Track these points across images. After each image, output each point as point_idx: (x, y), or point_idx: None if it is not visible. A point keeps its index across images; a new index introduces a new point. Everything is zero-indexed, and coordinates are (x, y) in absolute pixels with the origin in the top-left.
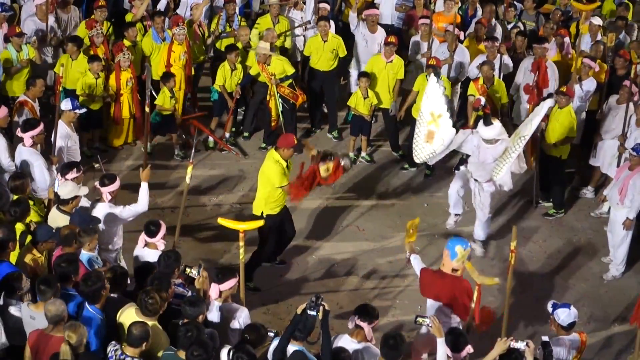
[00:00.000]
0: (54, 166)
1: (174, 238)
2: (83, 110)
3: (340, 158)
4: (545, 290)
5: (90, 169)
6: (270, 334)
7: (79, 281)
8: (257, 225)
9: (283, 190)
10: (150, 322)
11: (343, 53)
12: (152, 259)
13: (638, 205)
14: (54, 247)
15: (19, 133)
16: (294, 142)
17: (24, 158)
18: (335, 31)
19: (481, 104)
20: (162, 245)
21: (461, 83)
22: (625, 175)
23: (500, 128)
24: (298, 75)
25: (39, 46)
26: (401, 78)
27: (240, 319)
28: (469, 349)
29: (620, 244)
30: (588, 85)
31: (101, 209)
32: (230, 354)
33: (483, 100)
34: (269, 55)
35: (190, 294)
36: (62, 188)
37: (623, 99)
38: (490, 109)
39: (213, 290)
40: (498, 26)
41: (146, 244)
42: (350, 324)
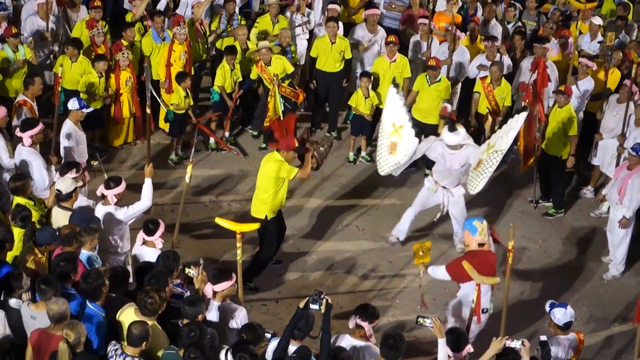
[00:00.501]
0: (53, 166)
1: (173, 237)
2: (90, 109)
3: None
4: (545, 290)
5: (89, 167)
6: (267, 335)
7: (79, 280)
8: (254, 227)
9: (297, 177)
10: (150, 322)
11: (349, 55)
12: (150, 257)
13: (636, 205)
14: (55, 247)
15: (18, 133)
16: (295, 145)
17: (23, 158)
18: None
19: (448, 112)
20: (160, 244)
21: (461, 83)
22: (624, 175)
23: (464, 134)
24: (297, 75)
25: (39, 45)
26: (408, 77)
27: (238, 319)
28: (469, 348)
29: (619, 243)
30: (586, 85)
31: (108, 212)
32: (232, 354)
33: (449, 107)
34: (270, 56)
35: (189, 293)
36: (61, 183)
37: (623, 98)
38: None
39: (207, 290)
40: (498, 26)
41: (144, 242)
42: (351, 324)
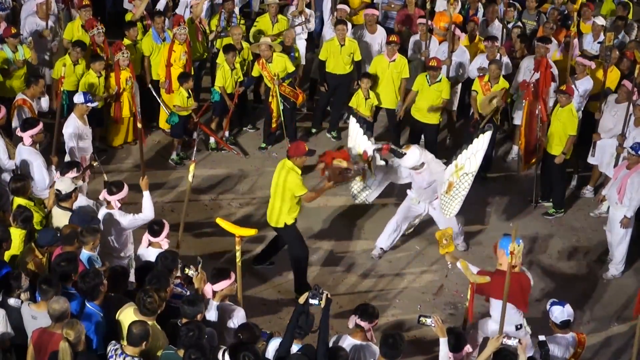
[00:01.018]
0: (53, 166)
1: (178, 237)
2: (95, 104)
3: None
4: (545, 290)
5: (90, 167)
6: (264, 334)
7: (77, 279)
8: (252, 233)
9: (302, 199)
10: (149, 322)
11: (358, 57)
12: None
13: (636, 204)
14: (55, 248)
15: (19, 132)
16: (306, 150)
17: (24, 157)
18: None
19: (385, 153)
20: (166, 245)
21: (461, 83)
22: (624, 174)
23: (415, 153)
24: (297, 74)
25: (38, 45)
26: (406, 77)
27: (237, 319)
28: (468, 348)
29: (619, 243)
30: (584, 84)
31: (112, 216)
32: (235, 354)
33: (369, 151)
34: (272, 50)
35: (189, 293)
36: (60, 183)
37: (622, 98)
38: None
39: (207, 289)
40: (500, 26)
41: (150, 244)
42: (350, 324)
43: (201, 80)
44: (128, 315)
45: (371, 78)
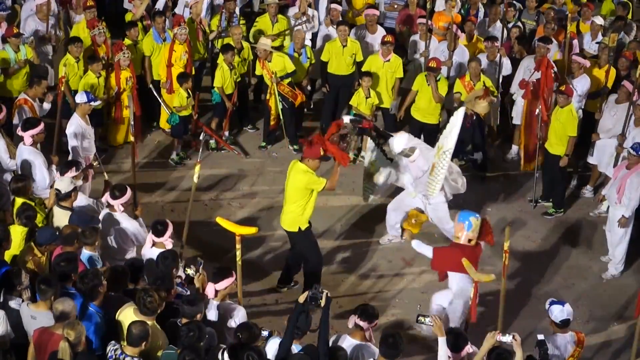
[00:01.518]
0: (54, 166)
1: (182, 237)
2: (98, 103)
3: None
4: (544, 289)
5: (90, 167)
6: (264, 334)
7: (76, 279)
8: (252, 231)
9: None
10: (149, 322)
11: (360, 58)
12: None
13: (635, 204)
14: (55, 247)
15: (20, 132)
16: (320, 153)
17: (25, 157)
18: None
19: (369, 126)
20: (170, 245)
21: None
22: (623, 174)
23: (404, 136)
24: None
25: (39, 45)
26: (400, 77)
27: (237, 319)
28: (468, 348)
29: (619, 242)
30: (582, 84)
31: (112, 217)
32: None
33: (370, 124)
34: (269, 52)
35: (189, 293)
36: (60, 183)
37: (622, 99)
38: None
39: (209, 289)
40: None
41: (154, 244)
42: (350, 324)
43: (201, 80)
44: (128, 315)
45: (371, 77)
